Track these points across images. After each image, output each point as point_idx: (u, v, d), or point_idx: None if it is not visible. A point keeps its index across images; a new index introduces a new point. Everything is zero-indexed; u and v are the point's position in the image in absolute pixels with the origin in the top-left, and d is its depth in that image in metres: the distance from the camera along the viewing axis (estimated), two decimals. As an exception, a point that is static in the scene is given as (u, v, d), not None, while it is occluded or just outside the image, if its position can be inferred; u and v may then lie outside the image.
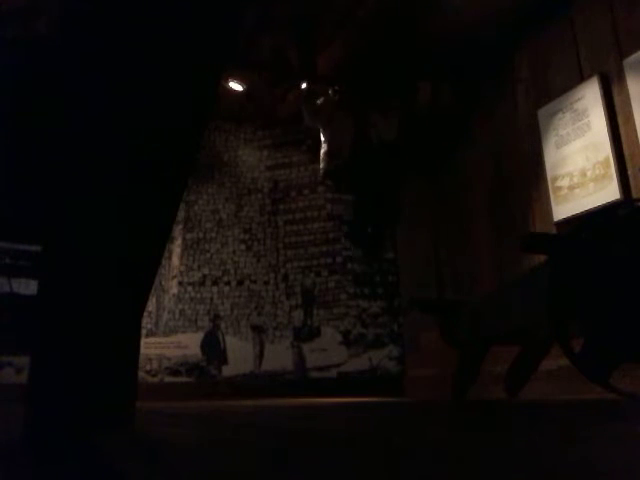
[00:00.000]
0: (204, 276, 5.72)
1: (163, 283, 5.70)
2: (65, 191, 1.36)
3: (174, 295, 5.67)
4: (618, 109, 3.47)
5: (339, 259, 5.62)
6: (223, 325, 5.57)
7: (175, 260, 5.78)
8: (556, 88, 3.96)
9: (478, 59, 4.65)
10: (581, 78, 3.74)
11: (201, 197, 6.01)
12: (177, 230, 5.82)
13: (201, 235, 5.88)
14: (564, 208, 3.74)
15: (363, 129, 3.56)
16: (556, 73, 3.99)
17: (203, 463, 0.82)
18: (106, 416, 1.29)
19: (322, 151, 3.59)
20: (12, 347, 4.50)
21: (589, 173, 3.59)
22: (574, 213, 3.63)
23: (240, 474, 0.73)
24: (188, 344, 5.52)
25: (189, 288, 5.69)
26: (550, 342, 2.17)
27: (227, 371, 5.43)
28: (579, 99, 3.72)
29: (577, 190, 3.66)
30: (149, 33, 1.31)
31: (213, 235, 5.88)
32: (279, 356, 5.42)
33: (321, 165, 3.59)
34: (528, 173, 4.17)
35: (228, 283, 5.69)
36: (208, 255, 5.80)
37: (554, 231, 3.78)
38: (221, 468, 0.78)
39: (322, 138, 3.81)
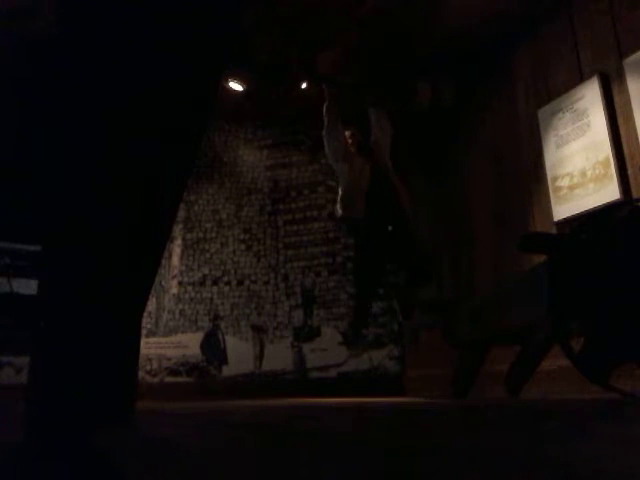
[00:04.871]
0: (204, 276, 5.72)
1: (163, 283, 5.70)
2: (65, 191, 1.36)
3: (174, 295, 5.67)
4: (618, 109, 3.47)
5: (339, 259, 5.62)
6: (223, 325, 5.57)
7: (175, 260, 5.78)
8: (556, 88, 3.96)
9: (478, 59, 4.65)
10: (581, 78, 3.74)
11: (201, 197, 6.01)
12: (177, 230, 5.82)
13: (201, 235, 5.88)
14: (564, 208, 3.74)
15: (378, 172, 3.42)
16: (556, 73, 3.99)
17: (203, 463, 0.82)
18: (106, 416, 1.29)
19: (339, 195, 3.49)
20: (12, 347, 4.51)
21: (589, 173, 3.59)
22: (574, 213, 3.63)
23: (240, 474, 0.73)
24: (188, 344, 5.52)
25: (189, 288, 5.69)
26: (550, 342, 2.17)
27: (227, 371, 5.43)
28: (579, 99, 3.72)
29: (577, 190, 3.66)
30: (149, 33, 1.31)
31: (213, 235, 5.88)
32: (279, 356, 5.42)
33: (338, 207, 3.50)
34: (528, 173, 4.17)
35: (228, 283, 5.70)
36: (208, 255, 5.80)
37: (554, 231, 3.78)
38: (221, 468, 0.78)
39: (338, 177, 3.60)
